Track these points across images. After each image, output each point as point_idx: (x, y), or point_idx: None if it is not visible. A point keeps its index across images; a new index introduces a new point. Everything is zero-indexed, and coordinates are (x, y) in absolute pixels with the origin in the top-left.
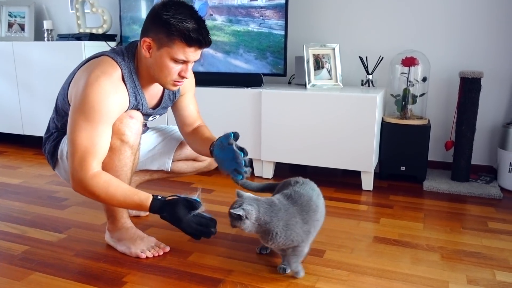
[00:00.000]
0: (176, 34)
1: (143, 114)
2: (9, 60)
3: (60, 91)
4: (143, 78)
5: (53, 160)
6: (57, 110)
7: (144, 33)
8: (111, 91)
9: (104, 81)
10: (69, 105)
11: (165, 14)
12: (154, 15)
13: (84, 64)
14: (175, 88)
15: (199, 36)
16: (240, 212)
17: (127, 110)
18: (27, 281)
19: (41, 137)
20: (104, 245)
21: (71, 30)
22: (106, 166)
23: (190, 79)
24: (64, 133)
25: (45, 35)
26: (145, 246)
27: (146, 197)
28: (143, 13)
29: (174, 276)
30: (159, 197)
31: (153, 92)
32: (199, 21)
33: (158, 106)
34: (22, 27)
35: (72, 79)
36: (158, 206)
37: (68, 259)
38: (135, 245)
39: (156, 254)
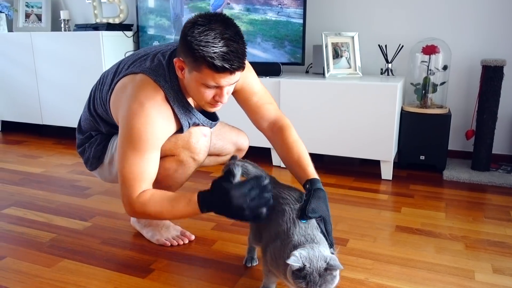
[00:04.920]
0: (200, 61)
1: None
2: (28, 50)
3: (94, 95)
4: (189, 95)
5: (98, 163)
6: (97, 114)
7: (177, 52)
8: (157, 117)
9: (149, 108)
10: (111, 115)
11: (189, 36)
12: (182, 34)
13: (123, 77)
14: (213, 110)
15: (224, 64)
16: (300, 263)
17: (177, 132)
18: (57, 268)
19: (61, 127)
20: (129, 234)
21: (87, 20)
22: (170, 177)
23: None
24: (110, 136)
25: (62, 25)
26: (170, 235)
27: (191, 194)
28: (159, 2)
29: (200, 264)
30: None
31: None
32: (229, 42)
33: (215, 115)
34: (39, 18)
35: (111, 90)
36: (205, 194)
37: (96, 246)
38: (161, 233)
39: (181, 243)
